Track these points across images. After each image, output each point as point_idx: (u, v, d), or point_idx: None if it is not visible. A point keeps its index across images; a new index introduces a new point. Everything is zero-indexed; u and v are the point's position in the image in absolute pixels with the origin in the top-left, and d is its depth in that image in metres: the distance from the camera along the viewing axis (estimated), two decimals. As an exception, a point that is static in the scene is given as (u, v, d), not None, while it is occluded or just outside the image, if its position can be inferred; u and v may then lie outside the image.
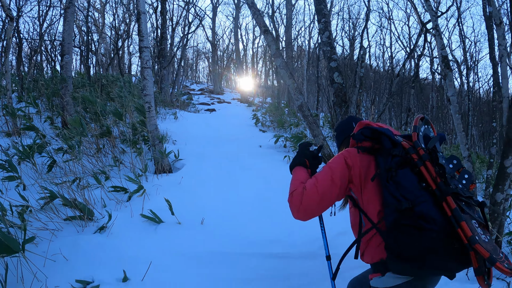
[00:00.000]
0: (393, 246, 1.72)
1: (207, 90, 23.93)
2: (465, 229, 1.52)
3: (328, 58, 6.15)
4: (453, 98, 3.85)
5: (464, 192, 1.71)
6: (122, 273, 2.75)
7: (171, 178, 5.01)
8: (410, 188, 1.72)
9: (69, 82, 6.60)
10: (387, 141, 1.90)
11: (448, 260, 1.61)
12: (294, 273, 3.17)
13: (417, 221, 1.63)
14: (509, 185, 3.56)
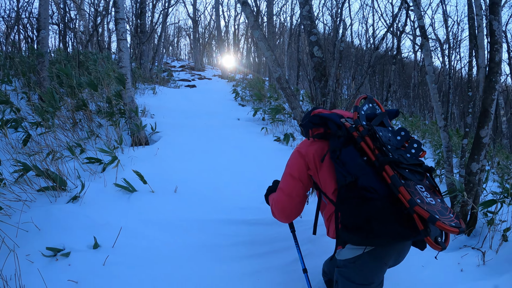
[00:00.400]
0: (343, 219, 1.90)
1: (188, 67, 23.64)
2: (404, 193, 1.68)
3: (308, 32, 6.09)
4: (429, 68, 3.85)
5: (408, 160, 1.89)
6: (93, 240, 2.74)
7: (147, 150, 4.96)
8: (352, 163, 1.91)
9: (45, 58, 6.46)
10: (333, 125, 2.10)
11: (394, 226, 1.75)
12: (261, 240, 3.21)
13: (361, 192, 1.81)
14: (484, 155, 3.59)
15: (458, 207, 3.68)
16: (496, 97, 3.46)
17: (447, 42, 18.37)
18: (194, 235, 3.17)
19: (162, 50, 22.00)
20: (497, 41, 3.41)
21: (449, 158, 3.90)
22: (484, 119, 3.48)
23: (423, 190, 1.79)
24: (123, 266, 2.63)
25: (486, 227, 3.61)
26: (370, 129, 1.97)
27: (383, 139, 1.94)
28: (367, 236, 1.80)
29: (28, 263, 2.47)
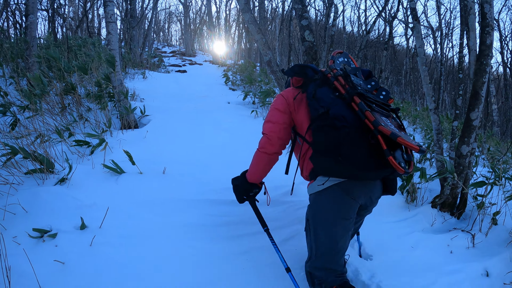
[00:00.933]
0: (315, 146, 2.08)
1: (179, 52, 23.48)
2: (369, 116, 1.87)
3: (300, 16, 6.03)
4: (420, 50, 3.82)
5: (375, 98, 2.11)
6: (80, 221, 2.72)
7: (136, 133, 4.95)
8: (325, 98, 2.08)
9: (34, 43, 6.38)
10: (310, 71, 2.30)
11: (361, 152, 1.91)
12: (251, 220, 3.17)
13: (332, 121, 1.96)
14: (474, 138, 3.59)
15: (448, 189, 3.69)
16: (486, 80, 3.45)
17: (440, 29, 18.37)
18: (182, 215, 3.17)
19: (152, 36, 21.80)
20: (488, 24, 3.39)
21: (439, 141, 3.90)
22: (475, 101, 3.47)
23: (388, 121, 1.97)
24: (110, 246, 2.62)
25: (475, 210, 3.64)
26: (343, 71, 2.21)
27: (355, 82, 2.14)
28: (336, 159, 1.93)
29: (15, 245, 2.44)
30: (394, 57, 23.92)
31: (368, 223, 3.31)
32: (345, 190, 2.09)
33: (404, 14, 19.29)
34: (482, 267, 2.87)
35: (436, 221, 3.63)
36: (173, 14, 37.22)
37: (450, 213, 3.80)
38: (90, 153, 4.03)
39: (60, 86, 5.40)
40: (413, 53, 21.84)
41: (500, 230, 3.38)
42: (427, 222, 3.60)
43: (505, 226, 3.42)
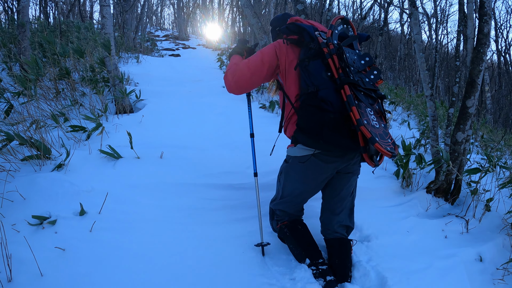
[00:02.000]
0: (299, 121, 2.25)
1: (172, 36, 23.31)
2: (355, 113, 1.96)
3: (295, 0, 6.00)
4: (418, 37, 3.82)
5: (365, 84, 2.18)
6: (79, 207, 2.72)
7: (132, 117, 4.94)
8: (317, 76, 2.18)
9: (26, 27, 6.30)
10: (307, 36, 2.30)
11: (340, 136, 2.09)
12: (247, 204, 3.26)
13: (319, 103, 2.11)
14: (470, 125, 3.62)
15: (443, 176, 3.72)
16: (483, 68, 3.47)
17: (435, 16, 18.33)
18: (181, 200, 3.19)
19: (145, 20, 21.58)
20: (486, 12, 3.40)
21: (435, 127, 3.92)
22: (471, 89, 3.49)
23: (372, 113, 2.11)
24: (110, 232, 2.63)
25: (469, 197, 3.68)
26: (339, 48, 2.18)
27: (349, 61, 2.19)
28: (317, 139, 2.14)
29: (14, 233, 2.44)
30: (389, 43, 23.87)
31: (365, 207, 3.40)
32: (321, 159, 2.30)
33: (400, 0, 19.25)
34: (476, 252, 2.91)
35: (431, 206, 3.67)
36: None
37: (444, 199, 3.84)
38: (87, 138, 4.02)
39: (54, 71, 5.35)
40: (408, 39, 21.83)
41: (493, 216, 3.43)
42: (422, 207, 3.64)
43: (498, 213, 3.47)
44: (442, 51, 22.93)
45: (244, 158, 3.81)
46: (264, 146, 3.18)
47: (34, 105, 4.39)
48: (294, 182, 2.52)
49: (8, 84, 5.31)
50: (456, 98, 3.97)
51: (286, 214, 2.69)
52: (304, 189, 2.53)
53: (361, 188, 3.68)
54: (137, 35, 13.88)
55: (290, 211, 2.67)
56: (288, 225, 2.63)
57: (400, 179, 4.00)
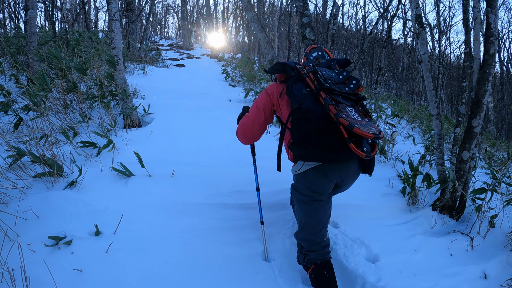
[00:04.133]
0: (292, 136, 2.44)
1: (176, 45, 23.39)
2: (331, 109, 2.19)
3: (301, 14, 6.06)
4: (425, 57, 3.86)
5: (342, 90, 2.44)
6: (94, 227, 2.76)
7: (141, 132, 4.97)
8: (299, 94, 2.43)
9: (33, 38, 6.34)
10: (288, 68, 2.63)
11: (327, 138, 2.27)
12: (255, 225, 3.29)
13: (304, 115, 2.34)
14: (475, 144, 3.66)
15: (448, 194, 3.76)
16: (489, 88, 3.52)
17: (438, 27, 18.39)
18: (192, 219, 3.21)
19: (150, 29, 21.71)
20: (492, 33, 3.44)
21: (441, 146, 3.95)
22: (477, 109, 3.53)
23: (353, 111, 2.31)
24: (125, 252, 2.66)
25: (474, 213, 3.71)
26: (314, 68, 2.53)
27: (325, 76, 2.50)
28: (307, 146, 2.32)
29: (31, 253, 2.47)
30: (392, 53, 23.93)
31: (373, 225, 3.46)
32: (319, 171, 2.46)
33: (402, 10, 19.30)
34: (481, 270, 2.96)
35: (436, 223, 3.70)
36: (170, 7, 37.03)
37: (449, 216, 3.87)
38: (97, 154, 4.05)
39: (62, 84, 5.39)
40: (410, 49, 21.86)
41: (497, 233, 3.47)
42: (427, 224, 3.66)
43: (502, 229, 3.51)
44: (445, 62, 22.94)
45: (253, 176, 3.84)
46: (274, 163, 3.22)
47: (43, 118, 4.42)
48: (302, 203, 2.61)
49: (15, 94, 5.34)
50: (462, 118, 4.01)
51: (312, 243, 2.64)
52: (314, 206, 2.57)
53: (368, 206, 3.75)
54: (142, 45, 13.95)
55: (314, 237, 2.63)
56: (315, 270, 2.58)
57: (406, 196, 4.03)
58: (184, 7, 23.75)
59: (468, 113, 3.68)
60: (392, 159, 5.31)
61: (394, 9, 13.32)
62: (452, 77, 23.87)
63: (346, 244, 3.11)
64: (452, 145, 4.02)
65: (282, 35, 20.79)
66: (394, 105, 10.68)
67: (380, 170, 4.85)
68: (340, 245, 3.08)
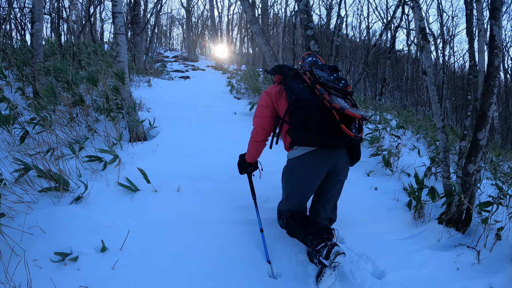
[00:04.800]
0: (290, 123, 2.88)
1: (181, 57, 23.53)
2: (325, 97, 2.64)
3: (305, 26, 6.09)
4: (429, 70, 3.87)
5: (332, 85, 2.88)
6: (100, 242, 2.76)
7: (146, 146, 4.97)
8: (297, 88, 2.85)
9: (39, 51, 6.37)
10: (287, 69, 3.11)
11: (322, 123, 2.66)
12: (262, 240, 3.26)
13: (301, 104, 2.74)
14: (481, 157, 3.65)
15: (454, 207, 3.75)
16: (494, 100, 3.51)
17: (442, 37, 18.40)
18: (200, 236, 3.19)
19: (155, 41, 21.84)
20: (497, 46, 3.45)
21: (446, 159, 3.94)
22: (482, 122, 3.53)
23: (343, 101, 2.74)
24: (132, 269, 2.65)
25: (480, 226, 3.70)
26: (310, 67, 2.98)
27: (319, 74, 2.90)
28: (305, 130, 2.73)
29: (37, 269, 2.47)
30: (396, 63, 23.94)
31: (379, 240, 3.48)
32: (313, 156, 2.83)
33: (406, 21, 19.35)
34: (487, 284, 2.95)
35: (442, 237, 3.69)
36: (175, 18, 37.25)
37: (455, 229, 3.86)
38: (103, 169, 4.06)
39: (68, 96, 5.42)
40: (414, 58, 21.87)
41: (504, 246, 3.45)
42: (434, 238, 3.65)
43: (509, 242, 3.49)
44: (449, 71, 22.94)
45: (260, 192, 3.82)
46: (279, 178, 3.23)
47: (49, 131, 4.44)
48: (294, 181, 3.00)
49: (21, 107, 5.38)
50: (468, 131, 4.01)
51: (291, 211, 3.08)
52: (303, 185, 2.98)
53: (374, 221, 3.75)
54: (148, 57, 14.02)
55: (294, 208, 3.08)
56: (291, 215, 3.02)
57: (412, 210, 4.02)
58: (189, 19, 23.89)
59: (473, 123, 3.68)
60: (398, 171, 5.30)
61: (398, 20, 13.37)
62: (456, 86, 23.82)
63: (352, 259, 3.10)
64: (458, 157, 4.01)
65: (286, 46, 20.86)
66: (398, 116, 10.66)
67: (386, 183, 4.86)
68: (346, 261, 3.07)
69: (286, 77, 3.09)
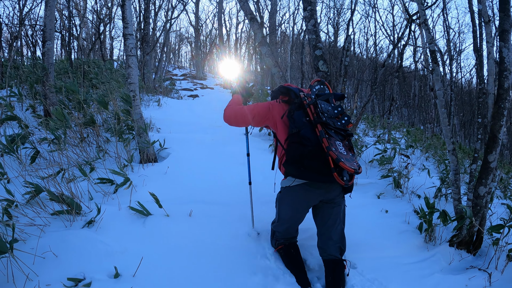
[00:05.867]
0: (287, 156, 2.94)
1: (190, 75, 23.73)
2: (324, 142, 2.69)
3: (314, 46, 6.13)
4: (440, 93, 3.88)
5: (335, 125, 2.93)
6: (113, 268, 2.76)
7: (157, 168, 4.99)
8: (299, 121, 2.90)
9: (51, 70, 6.45)
10: (293, 94, 3.14)
11: (317, 163, 2.75)
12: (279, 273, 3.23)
13: (301, 140, 2.83)
14: (492, 179, 3.64)
15: (465, 230, 3.73)
16: (504, 123, 3.51)
17: (449, 53, 18.41)
18: (212, 263, 3.18)
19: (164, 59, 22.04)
20: (506, 68, 3.45)
21: (457, 181, 3.94)
22: (493, 144, 3.52)
23: (341, 145, 2.83)
24: (145, 297, 2.64)
25: (492, 248, 3.69)
26: (315, 101, 2.97)
27: (323, 109, 2.97)
28: (299, 166, 2.82)
29: (50, 295, 2.47)
30: (403, 80, 23.95)
31: (391, 264, 3.48)
32: (304, 189, 2.96)
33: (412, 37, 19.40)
34: (499, 307, 2.92)
35: (453, 260, 3.66)
36: (183, 36, 37.59)
37: (466, 251, 3.83)
38: (114, 191, 4.08)
39: (79, 117, 5.47)
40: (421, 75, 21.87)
41: (515, 266, 3.41)
42: (445, 261, 3.63)
43: (520, 262, 3.45)
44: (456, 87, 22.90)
45: (270, 215, 3.81)
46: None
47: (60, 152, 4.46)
48: (286, 208, 3.21)
49: (32, 125, 5.42)
50: (478, 154, 4.00)
51: (283, 234, 3.37)
52: (293, 213, 3.19)
53: (385, 245, 3.73)
54: (157, 76, 14.14)
55: (285, 233, 3.35)
56: (284, 249, 3.33)
57: (423, 233, 4.01)
58: (198, 37, 24.15)
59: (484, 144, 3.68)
60: (408, 193, 5.28)
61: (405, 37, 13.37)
62: (464, 102, 23.76)
63: (363, 285, 3.10)
64: (468, 180, 4.00)
65: (294, 65, 20.98)
66: (407, 134, 10.63)
67: (396, 206, 4.84)
68: (358, 287, 3.07)
69: (291, 102, 3.19)
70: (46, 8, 6.50)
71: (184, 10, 21.44)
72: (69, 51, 10.87)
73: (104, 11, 17.93)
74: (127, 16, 5.20)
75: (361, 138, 8.60)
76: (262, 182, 4.80)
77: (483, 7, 4.15)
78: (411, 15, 8.53)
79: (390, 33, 22.89)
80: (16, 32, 13.06)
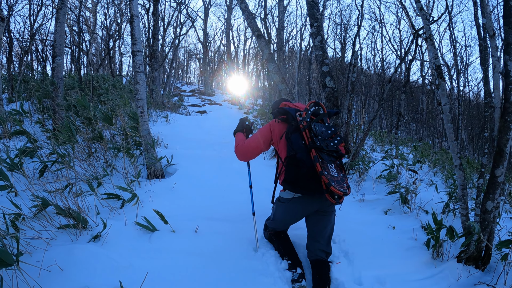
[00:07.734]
0: (285, 175, 3.26)
1: (198, 91, 23.89)
2: (318, 167, 2.95)
3: (321, 62, 6.17)
4: (446, 108, 3.87)
5: (329, 147, 3.16)
6: (118, 283, 2.75)
7: (164, 183, 5.01)
8: (296, 144, 3.19)
9: (60, 85, 6.54)
10: (290, 116, 3.37)
11: (311, 183, 3.08)
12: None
13: (297, 162, 3.14)
14: (499, 193, 3.61)
15: (473, 246, 3.69)
16: (510, 136, 3.48)
17: (456, 67, 18.38)
18: (218, 281, 3.16)
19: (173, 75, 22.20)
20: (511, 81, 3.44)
21: (464, 196, 3.91)
22: (500, 158, 3.50)
23: (333, 167, 3.11)
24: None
25: (500, 263, 3.65)
26: (309, 125, 3.18)
27: (318, 132, 3.20)
28: (295, 186, 3.19)
29: (56, 310, 2.46)
30: (411, 94, 23.93)
31: (399, 282, 3.43)
32: (300, 202, 3.32)
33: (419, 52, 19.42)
34: (508, 323, 2.88)
35: (461, 276, 3.61)
36: (192, 53, 37.88)
37: (474, 266, 3.78)
38: (121, 206, 4.10)
39: (87, 132, 5.52)
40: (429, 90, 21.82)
41: (524, 282, 3.36)
42: (453, 277, 3.59)
43: (529, 278, 3.40)
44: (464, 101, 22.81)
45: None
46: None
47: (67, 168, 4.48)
48: (281, 214, 3.55)
49: (40, 139, 5.46)
50: (485, 168, 3.98)
51: (274, 229, 3.81)
52: (287, 220, 3.58)
53: (393, 261, 3.72)
54: (165, 92, 14.23)
55: (278, 229, 3.79)
56: (274, 233, 3.81)
57: (430, 249, 3.97)
58: (206, 53, 24.34)
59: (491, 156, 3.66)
60: (415, 209, 5.24)
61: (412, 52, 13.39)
62: (472, 116, 23.65)
63: (372, 302, 3.07)
64: (476, 195, 3.97)
65: (301, 81, 21.05)
66: (415, 150, 10.58)
67: (404, 222, 4.80)
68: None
69: (288, 123, 3.43)
70: (56, 24, 6.62)
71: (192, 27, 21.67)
72: (79, 67, 10.98)
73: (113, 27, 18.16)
74: (135, 33, 5.27)
75: (368, 154, 8.60)
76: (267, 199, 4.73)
77: (488, 21, 4.17)
78: (417, 30, 8.54)
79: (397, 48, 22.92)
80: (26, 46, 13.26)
